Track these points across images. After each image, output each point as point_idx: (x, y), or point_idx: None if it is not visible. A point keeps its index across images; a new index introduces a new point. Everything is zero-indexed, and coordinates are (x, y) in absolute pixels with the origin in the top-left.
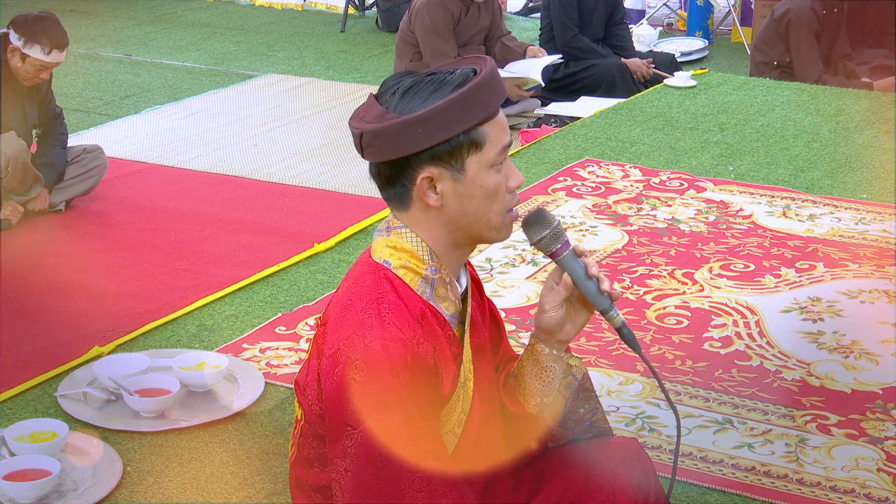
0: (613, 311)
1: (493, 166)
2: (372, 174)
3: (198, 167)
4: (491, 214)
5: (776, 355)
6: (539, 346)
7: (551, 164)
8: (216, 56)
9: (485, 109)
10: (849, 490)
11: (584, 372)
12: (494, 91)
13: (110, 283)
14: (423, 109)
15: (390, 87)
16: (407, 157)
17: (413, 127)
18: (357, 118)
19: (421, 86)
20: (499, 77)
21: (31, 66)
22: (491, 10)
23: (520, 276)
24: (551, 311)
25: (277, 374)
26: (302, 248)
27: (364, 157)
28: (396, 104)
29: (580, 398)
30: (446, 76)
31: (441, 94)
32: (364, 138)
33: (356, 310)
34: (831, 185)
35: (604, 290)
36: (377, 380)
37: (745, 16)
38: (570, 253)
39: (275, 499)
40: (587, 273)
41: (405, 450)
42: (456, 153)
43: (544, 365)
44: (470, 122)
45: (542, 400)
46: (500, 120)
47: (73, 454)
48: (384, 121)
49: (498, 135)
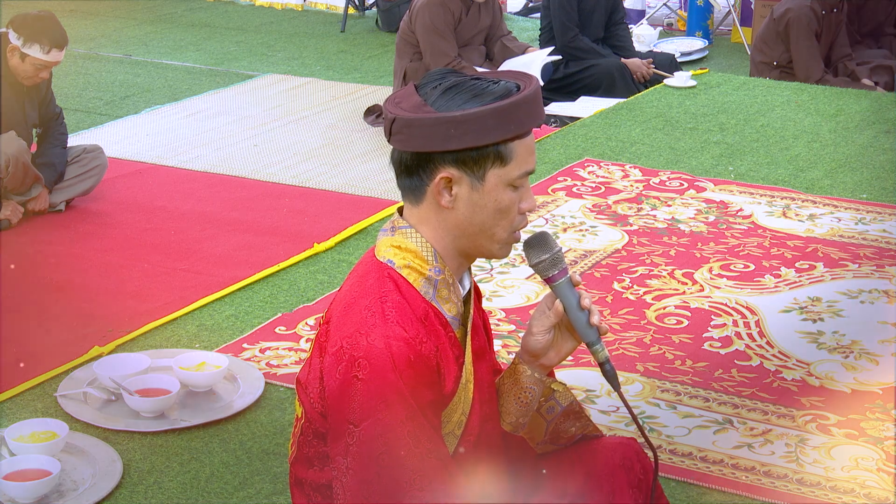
0: (599, 345)
1: (511, 184)
2: (393, 160)
3: (198, 167)
4: (497, 229)
5: (776, 355)
6: (521, 367)
7: (551, 164)
8: (216, 56)
9: (520, 127)
10: (849, 490)
11: (570, 399)
12: (533, 112)
13: (110, 283)
14: (460, 111)
15: (433, 81)
16: (432, 153)
17: (447, 126)
18: (392, 103)
19: (463, 88)
20: (540, 99)
21: (30, 65)
22: (491, 10)
23: (520, 276)
24: (538, 335)
25: (277, 374)
26: (302, 248)
27: (390, 143)
28: (436, 99)
29: (570, 419)
30: (490, 85)
31: (481, 101)
32: (396, 124)
33: (360, 308)
34: (831, 185)
35: (593, 324)
36: (380, 378)
37: (745, 16)
38: (565, 281)
39: (275, 499)
40: (579, 303)
41: (407, 448)
42: (481, 162)
43: (524, 386)
44: (502, 136)
45: (517, 419)
46: (529, 142)
47: (73, 454)
48: (420, 112)
49: (525, 156)
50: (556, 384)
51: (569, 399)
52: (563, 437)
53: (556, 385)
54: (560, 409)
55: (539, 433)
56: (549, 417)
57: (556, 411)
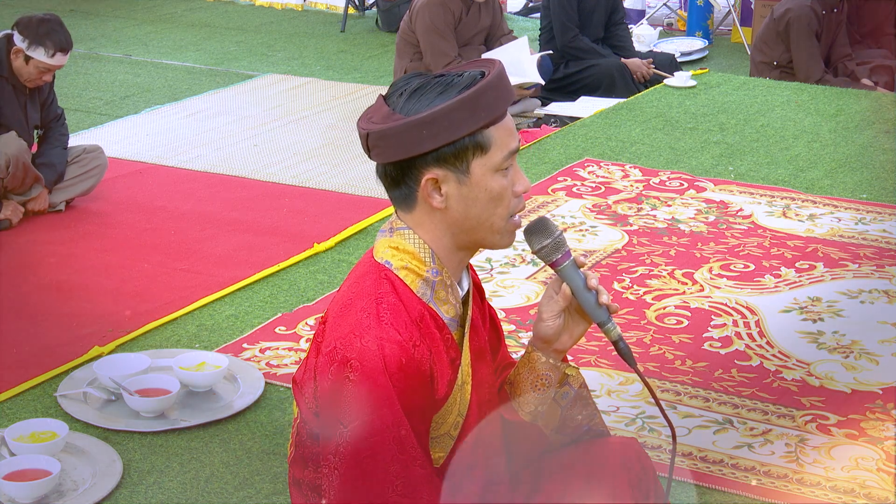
0: (611, 323)
1: (498, 170)
2: (379, 175)
3: (198, 167)
4: (494, 218)
5: (776, 355)
6: (535, 355)
7: (551, 164)
8: (216, 56)
9: (491, 112)
10: (849, 490)
11: (581, 381)
12: (501, 94)
13: (110, 283)
14: (428, 111)
15: (398, 89)
16: (412, 159)
17: (418, 128)
18: (365, 119)
19: (428, 87)
20: (507, 81)
21: (34, 68)
22: (491, 9)
23: (520, 276)
24: (549, 321)
25: (277, 374)
26: (302, 248)
27: (371, 158)
28: (403, 105)
29: (577, 406)
30: (454, 78)
31: (447, 96)
32: (370, 139)
33: (355, 309)
34: (831, 185)
35: (602, 303)
36: (371, 380)
37: (745, 16)
38: (570, 263)
39: (275, 499)
40: (586, 285)
41: (391, 453)
42: (461, 155)
43: (540, 373)
44: (475, 125)
45: (536, 408)
46: (507, 124)
47: (73, 454)
48: (390, 122)
49: (505, 139)
50: (569, 368)
51: (579, 382)
52: (569, 425)
53: (569, 370)
54: (573, 392)
55: (554, 420)
56: (564, 403)
57: (570, 396)
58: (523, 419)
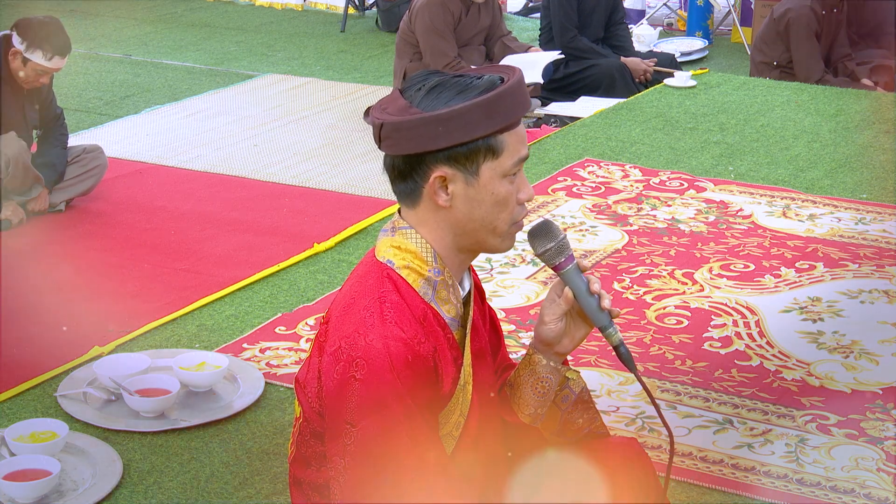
0: (612, 328)
1: (506, 176)
2: (386, 166)
3: (198, 167)
4: (497, 222)
5: (776, 355)
6: (537, 357)
7: (551, 164)
8: (216, 56)
9: (507, 118)
10: (849, 490)
11: (582, 385)
12: (519, 102)
13: (110, 283)
14: (445, 109)
15: (416, 83)
16: (423, 154)
17: (434, 124)
18: (379, 109)
19: (447, 86)
20: (525, 89)
21: (31, 70)
22: (491, 10)
23: (520, 276)
24: (551, 324)
25: (277, 374)
26: (302, 248)
27: (381, 149)
28: (421, 100)
29: (578, 410)
30: (473, 80)
31: (466, 97)
32: (384, 130)
33: (358, 308)
34: (831, 185)
35: (604, 308)
36: (378, 378)
37: (745, 16)
38: (573, 267)
39: (275, 499)
40: (589, 289)
41: (405, 448)
42: (472, 157)
43: (541, 376)
44: (490, 129)
45: (536, 410)
46: (520, 131)
47: (73, 454)
48: (406, 115)
49: (516, 146)
50: (570, 372)
51: (580, 386)
52: (569, 428)
53: (570, 373)
54: (574, 396)
55: (554, 423)
56: (564, 406)
57: (571, 399)
58: (523, 421)
